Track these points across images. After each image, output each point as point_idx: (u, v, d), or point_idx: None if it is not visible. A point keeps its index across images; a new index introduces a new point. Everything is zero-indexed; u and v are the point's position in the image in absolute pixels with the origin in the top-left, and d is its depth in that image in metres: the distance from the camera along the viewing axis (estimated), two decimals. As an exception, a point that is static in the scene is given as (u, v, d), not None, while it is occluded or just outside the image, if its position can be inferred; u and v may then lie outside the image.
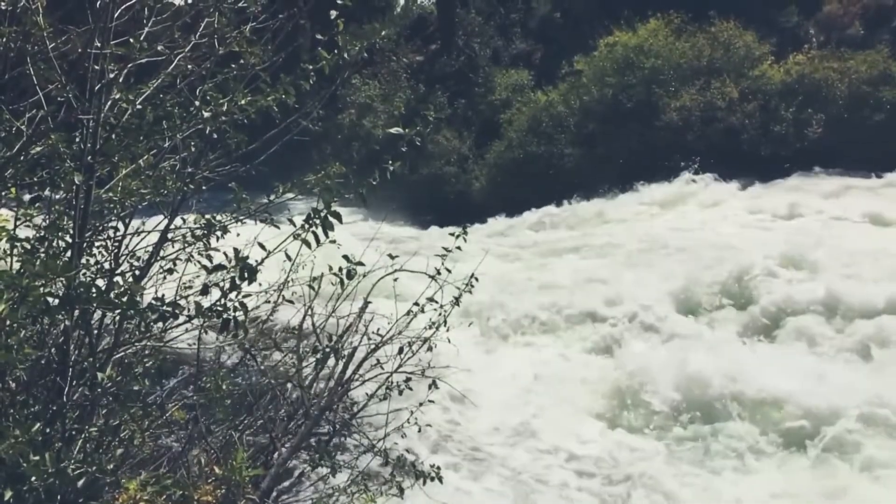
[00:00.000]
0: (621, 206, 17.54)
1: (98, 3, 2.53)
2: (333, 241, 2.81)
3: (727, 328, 10.18)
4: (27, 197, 2.94)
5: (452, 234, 4.00)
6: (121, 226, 3.09)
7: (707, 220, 15.31)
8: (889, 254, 11.41)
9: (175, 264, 3.38)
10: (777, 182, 17.47)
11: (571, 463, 7.28)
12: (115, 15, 2.59)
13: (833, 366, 8.62)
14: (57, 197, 2.93)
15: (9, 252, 2.62)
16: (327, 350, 3.68)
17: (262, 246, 2.96)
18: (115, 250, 3.08)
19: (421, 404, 4.05)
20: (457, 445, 7.44)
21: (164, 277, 3.36)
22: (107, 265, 3.01)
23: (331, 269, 3.15)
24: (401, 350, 3.89)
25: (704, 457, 7.29)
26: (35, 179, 2.84)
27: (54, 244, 2.59)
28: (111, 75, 2.61)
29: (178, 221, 3.12)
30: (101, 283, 2.55)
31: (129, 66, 2.68)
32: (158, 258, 3.10)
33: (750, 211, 15.65)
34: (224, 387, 3.05)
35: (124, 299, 2.26)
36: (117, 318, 2.64)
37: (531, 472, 7.13)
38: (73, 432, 2.57)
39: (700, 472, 7.05)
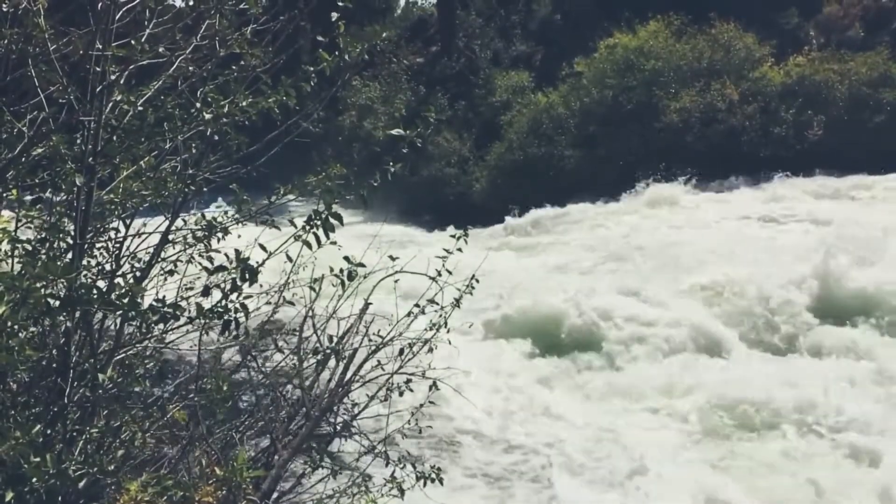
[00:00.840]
0: (585, 212, 18.10)
1: (99, 5, 2.53)
2: (334, 243, 2.81)
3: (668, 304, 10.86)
4: (28, 198, 2.94)
5: (453, 236, 4.01)
6: (122, 227, 3.09)
7: (657, 225, 15.89)
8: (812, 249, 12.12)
9: (176, 266, 3.38)
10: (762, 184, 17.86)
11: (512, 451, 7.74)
12: (117, 17, 2.59)
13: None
14: (58, 198, 2.94)
15: (10, 253, 2.63)
16: (328, 351, 3.69)
17: (262, 247, 2.96)
18: (117, 252, 3.08)
19: (422, 405, 4.05)
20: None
21: (165, 279, 3.36)
22: (108, 266, 3.01)
23: (332, 270, 3.16)
24: (401, 351, 3.89)
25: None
26: (36, 181, 2.85)
27: (55, 246, 2.59)
28: (112, 77, 2.62)
29: (179, 223, 3.13)
30: (102, 284, 2.55)
31: (131, 67, 2.68)
32: (159, 259, 3.11)
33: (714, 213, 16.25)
34: (225, 388, 3.05)
35: (125, 301, 2.27)
36: (118, 319, 2.64)
37: (493, 461, 7.48)
38: (74, 433, 2.57)
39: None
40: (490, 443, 7.76)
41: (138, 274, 3.04)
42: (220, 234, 3.11)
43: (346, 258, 3.11)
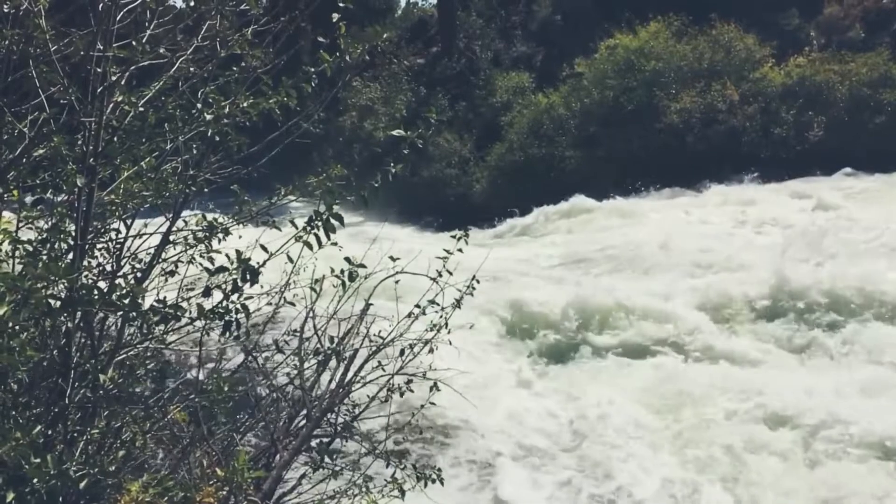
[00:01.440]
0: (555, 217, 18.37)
1: (100, 5, 2.53)
2: (335, 244, 2.82)
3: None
4: (29, 199, 2.94)
5: (453, 237, 4.01)
6: (123, 228, 3.09)
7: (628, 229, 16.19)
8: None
9: (177, 266, 3.38)
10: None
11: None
12: (117, 18, 2.60)
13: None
14: (59, 199, 2.94)
15: (11, 254, 2.63)
16: (329, 352, 3.69)
17: (263, 248, 2.96)
18: (117, 252, 3.08)
19: (422, 406, 4.05)
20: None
21: (166, 279, 3.36)
22: (109, 267, 3.02)
23: (332, 270, 3.16)
24: (402, 352, 3.89)
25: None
26: (37, 182, 2.85)
27: (56, 246, 2.59)
28: (113, 78, 2.62)
29: (179, 223, 3.13)
30: (102, 285, 2.55)
31: (131, 68, 2.69)
32: (160, 260, 3.11)
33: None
34: (225, 389, 3.05)
35: (126, 301, 2.27)
36: (119, 320, 2.64)
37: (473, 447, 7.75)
38: (75, 434, 2.57)
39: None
40: (465, 432, 7.94)
41: (139, 275, 3.04)
42: (220, 235, 3.11)
43: (347, 259, 3.11)
